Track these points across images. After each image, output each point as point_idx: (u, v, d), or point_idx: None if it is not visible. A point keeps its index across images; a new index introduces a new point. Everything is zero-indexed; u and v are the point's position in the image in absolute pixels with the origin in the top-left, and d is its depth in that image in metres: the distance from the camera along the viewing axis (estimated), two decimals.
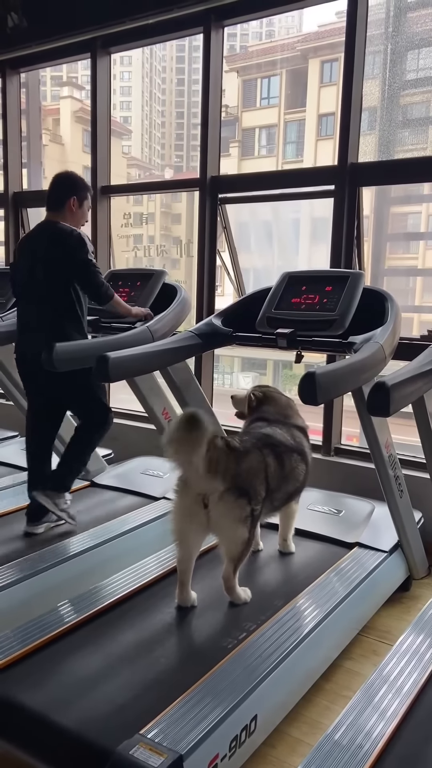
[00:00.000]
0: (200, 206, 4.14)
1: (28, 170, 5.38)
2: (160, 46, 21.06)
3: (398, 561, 2.94)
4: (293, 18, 12.06)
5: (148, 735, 1.70)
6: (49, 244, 2.98)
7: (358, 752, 1.73)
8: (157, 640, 2.20)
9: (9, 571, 2.71)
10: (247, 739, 1.88)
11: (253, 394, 2.72)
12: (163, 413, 3.37)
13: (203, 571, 2.57)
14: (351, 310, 2.85)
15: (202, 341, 3.16)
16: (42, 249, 3.00)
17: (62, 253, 2.94)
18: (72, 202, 3.00)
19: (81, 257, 2.92)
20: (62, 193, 3.01)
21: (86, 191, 3.08)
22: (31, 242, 3.09)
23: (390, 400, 2.11)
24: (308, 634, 2.25)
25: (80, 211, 3.05)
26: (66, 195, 3.00)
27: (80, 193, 3.03)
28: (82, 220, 3.10)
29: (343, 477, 3.69)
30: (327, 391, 2.27)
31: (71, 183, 3.05)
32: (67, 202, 3.00)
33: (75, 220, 3.05)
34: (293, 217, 5.17)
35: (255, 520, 2.35)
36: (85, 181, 3.12)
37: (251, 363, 6.71)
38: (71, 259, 2.94)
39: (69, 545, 2.97)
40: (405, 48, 3.83)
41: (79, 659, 2.09)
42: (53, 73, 11.51)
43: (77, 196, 3.01)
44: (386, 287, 3.68)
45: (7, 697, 1.90)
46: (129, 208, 5.73)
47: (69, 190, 3.02)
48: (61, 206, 3.01)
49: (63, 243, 2.94)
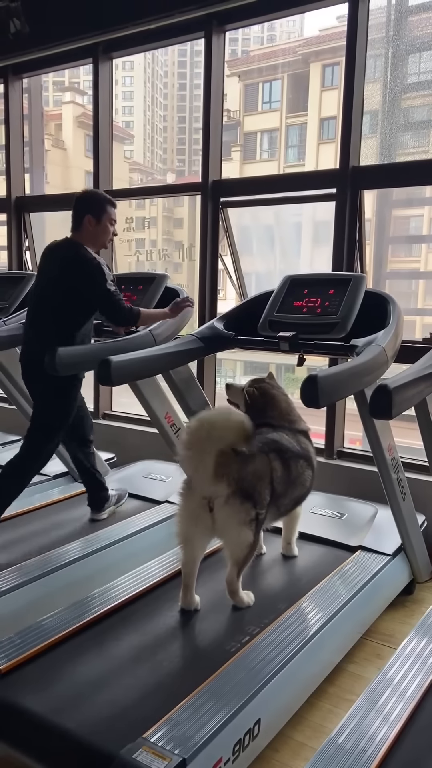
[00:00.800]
0: (202, 210, 4.15)
1: (31, 175, 5.40)
2: (162, 51, 21.14)
3: (401, 564, 2.93)
4: (294, 22, 12.10)
5: (151, 739, 1.70)
6: (62, 267, 2.97)
7: (361, 756, 1.72)
8: (160, 644, 2.20)
9: (13, 574, 2.71)
10: (251, 743, 1.88)
11: (248, 391, 2.66)
12: (166, 417, 3.37)
13: (207, 574, 2.57)
14: (353, 314, 2.85)
15: (204, 345, 3.17)
16: (56, 270, 2.99)
17: (76, 282, 2.91)
18: (88, 221, 2.99)
19: (101, 290, 2.90)
20: (79, 212, 3.01)
21: (103, 207, 3.01)
22: (48, 259, 3.07)
23: (392, 403, 2.11)
24: (311, 638, 2.25)
25: (98, 227, 3.01)
26: (82, 213, 3.00)
27: (96, 210, 2.99)
28: (102, 237, 3.04)
29: (345, 480, 3.69)
30: (329, 394, 2.27)
31: (86, 201, 3.03)
32: (84, 221, 2.99)
33: (94, 237, 3.01)
34: (295, 221, 5.17)
35: (259, 524, 2.35)
36: (105, 197, 3.07)
37: (253, 367, 6.71)
38: (89, 290, 2.92)
39: (72, 549, 2.98)
40: (406, 51, 3.84)
41: (82, 663, 2.09)
42: (55, 79, 11.57)
43: (92, 213, 2.99)
44: (388, 290, 3.68)
45: (11, 700, 1.90)
46: (131, 213, 5.74)
47: (84, 208, 3.00)
48: (79, 226, 3.01)
49: (78, 272, 2.91)
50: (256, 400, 2.64)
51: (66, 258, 2.96)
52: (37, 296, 3.08)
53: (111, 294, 2.93)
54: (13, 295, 3.98)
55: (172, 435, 3.32)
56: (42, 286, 3.06)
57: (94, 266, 2.91)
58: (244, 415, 2.31)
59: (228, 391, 2.75)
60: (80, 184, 10.36)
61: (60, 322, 2.97)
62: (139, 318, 3.01)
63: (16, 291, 4.00)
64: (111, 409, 4.80)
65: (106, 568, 2.85)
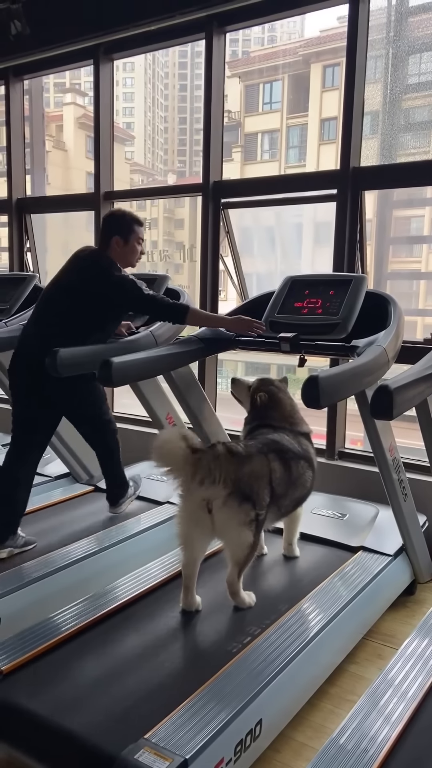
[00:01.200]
0: (203, 211, 4.15)
1: (32, 176, 5.41)
2: (163, 52, 21.16)
3: (403, 565, 2.93)
4: (295, 23, 12.11)
5: (153, 739, 1.71)
6: (84, 277, 2.95)
7: (363, 756, 1.72)
8: (161, 645, 2.20)
9: (13, 576, 2.71)
10: (252, 744, 1.88)
11: (258, 396, 2.69)
12: (167, 418, 3.37)
13: (208, 575, 2.57)
14: (354, 314, 2.85)
15: (205, 346, 3.17)
16: (74, 276, 2.98)
17: (100, 288, 2.89)
18: (116, 242, 2.98)
19: (137, 295, 2.88)
20: (106, 233, 3.01)
21: (130, 227, 3.00)
22: (71, 265, 3.05)
23: (393, 403, 2.11)
24: (313, 638, 2.25)
25: (126, 248, 3.00)
26: (109, 234, 3.00)
27: (123, 231, 2.98)
28: (130, 257, 3.04)
29: (347, 481, 3.69)
30: (330, 395, 2.27)
31: (113, 222, 3.02)
32: (111, 242, 2.99)
33: (122, 258, 3.00)
34: (296, 221, 5.17)
35: (259, 525, 2.35)
36: (132, 217, 3.04)
37: (254, 367, 6.71)
38: (123, 298, 2.91)
39: (73, 550, 2.98)
40: (406, 52, 3.84)
41: (83, 664, 2.09)
42: (56, 80, 11.59)
43: (120, 234, 2.98)
44: (389, 291, 3.68)
45: (13, 701, 1.90)
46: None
47: (111, 229, 3.00)
48: (106, 246, 3.01)
49: (106, 283, 2.89)
50: (262, 402, 2.66)
51: (91, 269, 2.94)
52: (45, 299, 3.04)
53: (149, 295, 2.90)
54: (14, 296, 3.98)
55: None
56: (56, 289, 3.02)
57: (122, 277, 2.91)
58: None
59: (233, 386, 2.78)
60: (81, 185, 10.38)
61: (68, 330, 2.92)
62: (188, 313, 2.91)
63: (17, 292, 4.00)
64: (112, 409, 4.81)
65: (107, 569, 2.86)
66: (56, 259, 5.91)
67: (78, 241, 6.20)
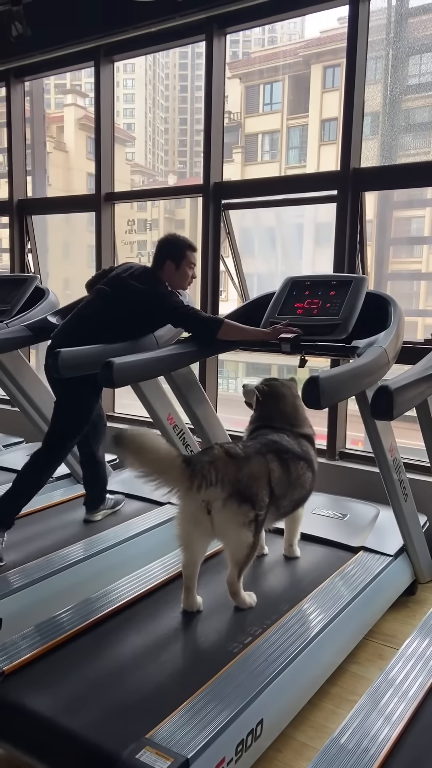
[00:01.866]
0: (204, 212, 4.16)
1: (33, 178, 5.42)
2: (163, 54, 21.17)
3: (403, 565, 2.93)
4: (295, 24, 12.13)
5: (154, 739, 1.71)
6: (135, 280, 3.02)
7: (364, 756, 1.73)
8: (162, 645, 2.21)
9: (15, 576, 2.72)
10: (254, 743, 1.88)
11: (258, 389, 2.69)
12: (168, 419, 3.38)
13: (209, 575, 2.58)
14: (354, 315, 2.86)
15: (206, 346, 3.17)
16: (126, 280, 3.04)
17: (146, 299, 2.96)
18: (168, 266, 3.05)
19: (174, 308, 2.94)
20: (160, 256, 3.08)
21: (183, 253, 3.07)
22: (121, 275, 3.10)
23: (393, 403, 2.12)
24: (314, 639, 2.25)
25: (178, 272, 3.07)
26: (163, 258, 3.06)
27: (176, 256, 3.05)
28: (181, 281, 3.10)
29: (347, 481, 3.69)
30: (330, 395, 2.27)
31: (167, 246, 3.09)
32: (165, 265, 3.06)
33: (172, 281, 3.07)
34: (296, 222, 5.18)
35: (259, 525, 2.35)
36: (186, 242, 3.10)
37: (255, 368, 6.71)
38: (163, 311, 2.97)
39: (75, 551, 2.99)
40: (406, 53, 3.85)
41: (85, 664, 2.10)
42: (57, 81, 11.59)
43: (172, 259, 3.05)
44: (390, 291, 3.69)
45: (14, 701, 1.91)
46: (133, 215, 5.76)
47: (165, 253, 3.07)
48: (159, 268, 3.07)
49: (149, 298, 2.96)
50: (266, 398, 2.68)
51: (139, 281, 3.01)
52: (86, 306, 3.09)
53: (188, 308, 2.97)
54: (15, 297, 3.98)
55: (174, 436, 3.32)
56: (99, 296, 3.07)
57: (167, 291, 2.99)
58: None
59: (244, 393, 2.81)
60: (82, 186, 10.39)
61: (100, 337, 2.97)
62: (222, 326, 2.93)
63: (18, 293, 4.01)
64: (113, 410, 4.81)
65: (108, 570, 2.86)
66: (57, 261, 5.93)
67: (79, 243, 6.23)
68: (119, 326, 3.01)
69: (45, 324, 3.59)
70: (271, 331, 2.95)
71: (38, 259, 5.22)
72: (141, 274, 3.08)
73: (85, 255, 6.08)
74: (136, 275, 3.07)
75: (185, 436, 3.38)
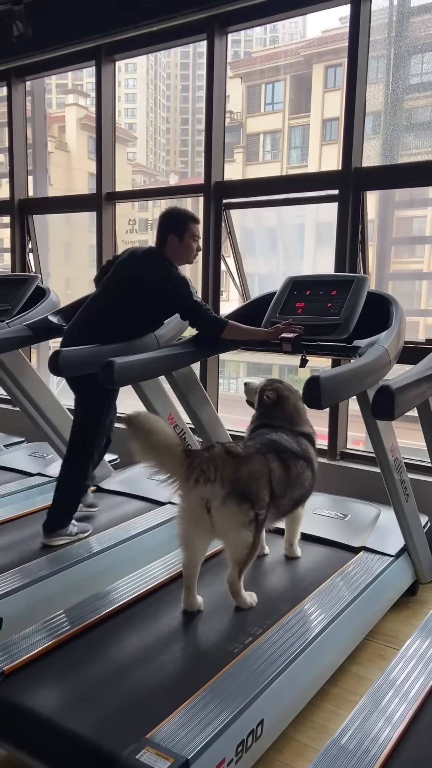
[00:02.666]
0: (205, 212, 4.16)
1: (34, 177, 5.42)
2: (164, 53, 21.18)
3: (404, 565, 2.93)
4: (297, 24, 12.13)
5: (154, 739, 1.71)
6: (141, 267, 3.00)
7: (364, 757, 1.72)
8: (163, 645, 2.21)
9: (15, 576, 2.72)
10: (254, 744, 1.88)
11: (267, 396, 2.70)
12: (169, 418, 3.38)
13: (209, 575, 2.57)
14: (355, 314, 2.85)
15: (206, 346, 3.17)
16: (131, 268, 3.02)
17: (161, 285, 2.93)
18: (171, 240, 3.01)
19: (188, 302, 2.93)
20: (162, 231, 3.04)
21: (185, 225, 3.02)
22: (127, 260, 3.09)
23: (394, 403, 2.11)
24: (314, 639, 2.25)
25: (181, 245, 3.02)
26: (165, 233, 3.03)
27: (178, 228, 3.01)
28: (185, 255, 3.06)
29: (348, 481, 3.69)
30: (331, 395, 2.27)
31: (169, 220, 3.05)
32: (167, 239, 3.02)
33: (177, 255, 3.03)
34: (298, 222, 5.18)
35: (259, 525, 2.35)
36: (187, 214, 3.05)
37: (256, 368, 6.71)
38: (173, 301, 2.95)
39: (75, 550, 2.98)
40: (408, 52, 3.84)
41: (85, 664, 2.10)
42: (58, 81, 11.59)
43: (175, 232, 3.01)
44: (391, 291, 3.68)
45: (14, 701, 1.91)
46: (134, 214, 5.75)
47: (167, 227, 3.03)
48: (163, 244, 3.04)
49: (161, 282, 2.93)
50: (270, 400, 2.68)
51: (151, 265, 2.98)
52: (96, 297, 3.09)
53: (197, 305, 2.95)
54: (17, 297, 3.99)
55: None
56: (106, 288, 3.06)
57: (181, 278, 2.95)
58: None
59: (246, 390, 2.82)
60: (83, 186, 10.39)
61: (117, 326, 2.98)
62: (225, 328, 2.93)
63: (20, 293, 4.01)
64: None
65: (108, 570, 2.86)
66: (58, 260, 5.93)
67: (80, 242, 6.23)
68: (130, 317, 2.99)
69: (46, 324, 3.59)
70: (273, 330, 2.94)
71: (39, 258, 5.21)
72: (146, 258, 3.03)
73: (86, 255, 6.09)
74: (142, 260, 3.03)
75: (186, 436, 3.38)
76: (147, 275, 2.96)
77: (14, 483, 3.93)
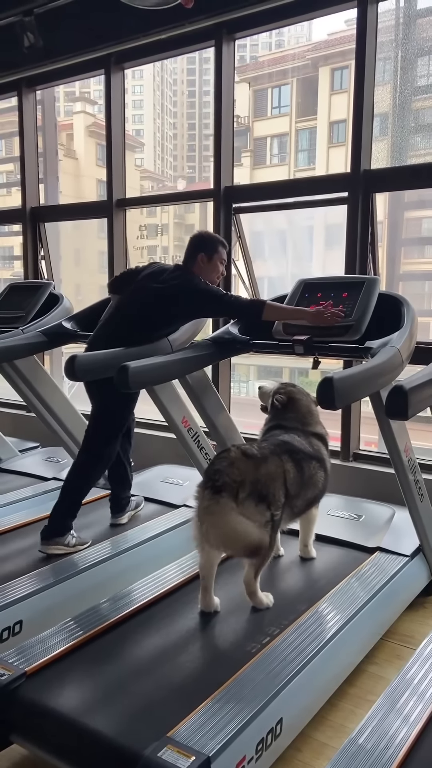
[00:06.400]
0: (215, 216, 4.18)
1: (45, 185, 5.47)
2: (171, 59, 21.26)
3: (420, 565, 2.93)
4: (303, 27, 12.14)
5: (176, 738, 1.73)
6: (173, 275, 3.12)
7: (382, 756, 1.73)
8: (181, 645, 2.23)
9: (33, 579, 2.75)
10: (273, 742, 1.89)
11: (277, 399, 2.72)
12: (183, 422, 3.40)
13: (226, 576, 2.59)
14: (367, 316, 2.86)
15: (219, 349, 3.20)
16: (163, 277, 3.13)
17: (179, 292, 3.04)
18: (201, 258, 3.13)
19: (216, 298, 3.02)
20: (191, 251, 3.17)
21: (215, 247, 3.16)
22: (154, 273, 3.20)
23: (408, 403, 2.12)
24: (331, 639, 2.26)
25: (210, 265, 3.15)
26: (195, 252, 3.15)
27: (209, 249, 3.14)
28: (212, 274, 3.17)
29: (362, 482, 3.69)
30: (345, 396, 2.28)
31: (200, 240, 3.18)
32: (197, 259, 3.14)
33: (203, 273, 3.14)
34: (307, 225, 5.20)
35: (275, 526, 2.36)
36: (218, 239, 3.23)
37: (267, 371, 6.72)
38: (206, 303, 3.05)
39: (91, 553, 3.01)
40: (415, 54, 3.86)
41: (105, 665, 2.12)
42: (66, 89, 11.69)
43: (205, 252, 3.14)
44: (402, 292, 3.69)
45: (37, 702, 1.93)
46: (143, 220, 5.81)
47: (198, 247, 3.16)
48: (192, 263, 3.16)
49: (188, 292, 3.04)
50: (280, 403, 2.71)
51: (178, 277, 3.09)
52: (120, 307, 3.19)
53: (230, 295, 3.08)
54: (31, 303, 4.03)
55: (189, 439, 3.35)
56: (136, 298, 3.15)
57: (206, 285, 3.07)
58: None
59: (260, 394, 2.86)
60: (92, 193, 10.46)
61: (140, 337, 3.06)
62: (264, 307, 2.95)
63: (33, 300, 4.05)
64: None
65: (125, 572, 2.89)
66: (68, 266, 5.98)
67: (90, 249, 6.28)
68: (160, 324, 3.10)
69: (60, 330, 3.63)
70: (315, 312, 2.88)
71: (51, 265, 5.27)
72: (176, 269, 3.17)
73: (96, 261, 6.14)
74: (173, 271, 3.16)
75: (200, 440, 3.40)
76: (178, 282, 3.07)
77: (29, 488, 3.96)
